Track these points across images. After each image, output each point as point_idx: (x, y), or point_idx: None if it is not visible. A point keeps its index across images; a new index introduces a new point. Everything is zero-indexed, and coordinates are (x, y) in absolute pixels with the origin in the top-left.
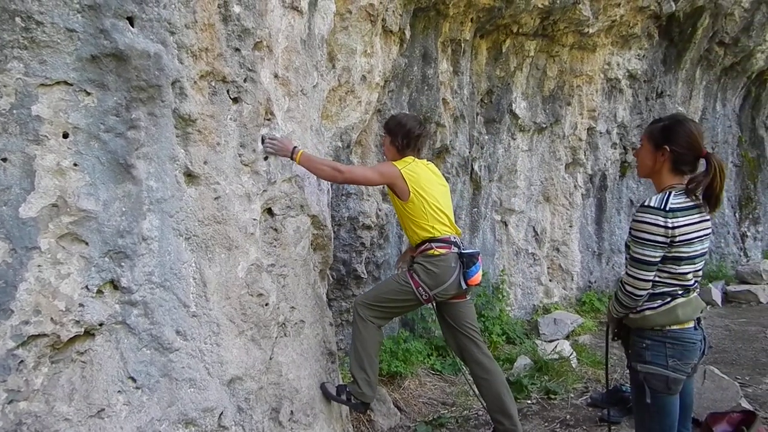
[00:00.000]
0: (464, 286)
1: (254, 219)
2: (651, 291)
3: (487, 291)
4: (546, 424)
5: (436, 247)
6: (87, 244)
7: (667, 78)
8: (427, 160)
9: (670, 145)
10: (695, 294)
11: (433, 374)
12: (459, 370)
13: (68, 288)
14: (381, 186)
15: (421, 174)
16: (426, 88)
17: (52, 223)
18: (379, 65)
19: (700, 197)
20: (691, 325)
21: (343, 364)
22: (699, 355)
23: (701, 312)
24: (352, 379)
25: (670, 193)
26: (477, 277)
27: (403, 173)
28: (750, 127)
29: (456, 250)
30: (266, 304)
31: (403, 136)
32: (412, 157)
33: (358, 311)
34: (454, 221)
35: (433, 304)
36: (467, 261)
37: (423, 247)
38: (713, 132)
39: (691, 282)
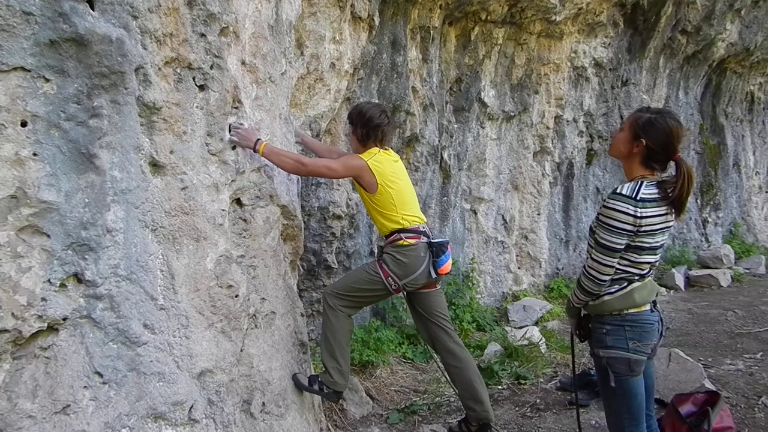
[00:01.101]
0: (434, 276)
1: (223, 209)
2: (612, 277)
3: (458, 279)
4: (517, 408)
5: (406, 237)
6: (49, 236)
7: (632, 66)
8: (393, 150)
9: (647, 140)
10: (650, 278)
11: (404, 362)
12: (430, 358)
13: (29, 282)
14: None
15: (386, 165)
16: (395, 76)
17: (11, 215)
18: (348, 52)
19: (671, 194)
20: (648, 307)
21: (315, 355)
22: (657, 336)
23: (656, 294)
24: (323, 368)
25: (641, 183)
26: (447, 266)
27: (369, 165)
28: (711, 115)
29: (425, 239)
30: (236, 296)
31: (363, 125)
32: (377, 149)
33: (327, 301)
34: (419, 209)
35: (403, 294)
36: (437, 250)
37: (392, 237)
38: None
39: (647, 270)
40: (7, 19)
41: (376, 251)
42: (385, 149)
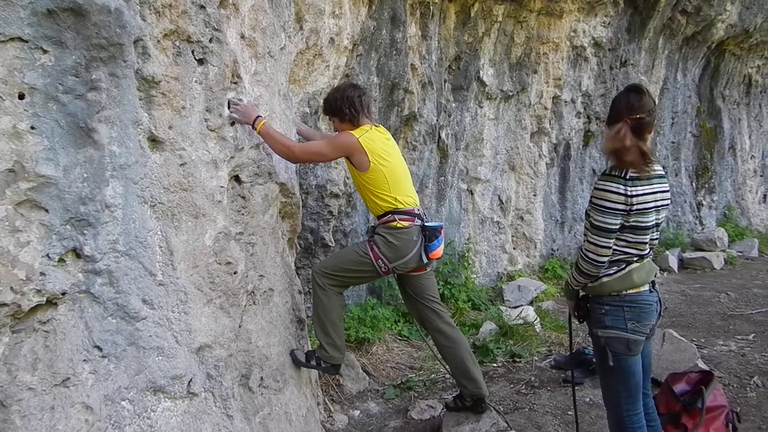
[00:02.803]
0: (425, 260)
1: (221, 186)
2: (609, 258)
3: (453, 259)
4: (512, 385)
5: (400, 219)
6: (47, 211)
7: (631, 47)
8: (384, 127)
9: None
10: (648, 259)
11: (400, 340)
12: (426, 336)
13: (28, 256)
14: None
15: (378, 142)
16: (394, 52)
17: (9, 189)
18: (348, 27)
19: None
20: (646, 288)
21: (312, 332)
22: (656, 316)
23: (655, 275)
24: (319, 344)
25: None
26: (438, 251)
27: (361, 142)
28: (708, 97)
29: (419, 222)
30: (234, 273)
31: (349, 105)
32: (369, 125)
33: (316, 279)
34: (413, 190)
35: (394, 275)
36: (430, 234)
37: (386, 218)
38: (674, 102)
39: (647, 251)
40: None
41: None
42: (377, 126)
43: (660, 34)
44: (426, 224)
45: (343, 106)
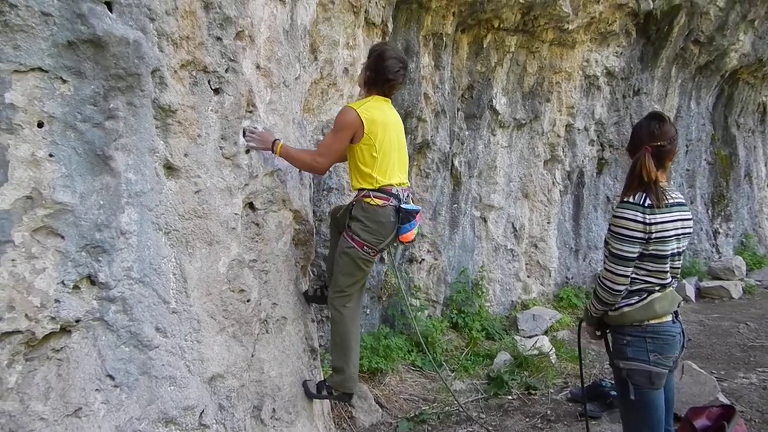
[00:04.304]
0: (396, 243)
1: (236, 213)
2: (628, 288)
3: (467, 287)
4: (527, 419)
5: (374, 197)
6: (63, 237)
7: (644, 76)
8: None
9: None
10: (671, 288)
11: (413, 370)
12: (440, 366)
13: (43, 283)
14: None
15: (377, 116)
16: (408, 82)
17: (27, 215)
18: (362, 58)
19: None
20: (669, 318)
21: (324, 361)
22: (679, 348)
23: (678, 305)
24: (331, 372)
25: None
26: (409, 235)
27: (359, 113)
28: (723, 125)
29: (395, 203)
30: (248, 301)
31: (375, 71)
32: (376, 96)
33: (335, 306)
34: (406, 169)
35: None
36: (403, 217)
37: (361, 193)
38: (687, 130)
39: (669, 280)
40: (26, 19)
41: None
42: (384, 98)
43: (673, 64)
44: (402, 206)
45: (373, 67)
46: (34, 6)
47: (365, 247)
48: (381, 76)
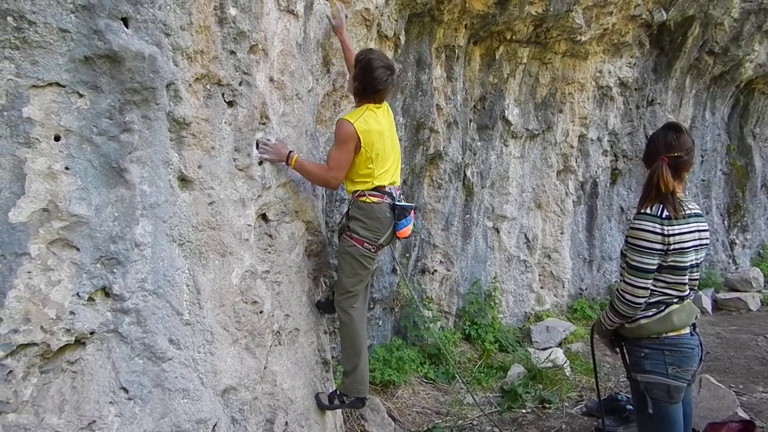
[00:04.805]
0: (392, 238)
1: (249, 225)
2: (647, 300)
3: (480, 298)
4: None
5: (369, 195)
6: (78, 250)
7: (658, 86)
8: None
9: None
10: (689, 300)
11: (426, 383)
12: (452, 378)
13: (59, 295)
14: None
15: (373, 126)
16: (420, 93)
17: (43, 228)
18: None
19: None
20: (687, 331)
21: (337, 373)
22: (697, 361)
23: (696, 317)
24: (343, 379)
25: None
26: (406, 231)
27: (356, 127)
28: (738, 135)
29: (389, 201)
30: (261, 312)
31: (364, 82)
32: (368, 105)
33: (342, 308)
34: (398, 170)
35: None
36: (399, 213)
37: (356, 194)
38: (702, 140)
39: (687, 292)
40: (44, 36)
41: (339, 224)
42: (377, 105)
43: (687, 74)
44: (396, 203)
45: (362, 77)
46: (53, 23)
47: (365, 244)
48: (370, 87)
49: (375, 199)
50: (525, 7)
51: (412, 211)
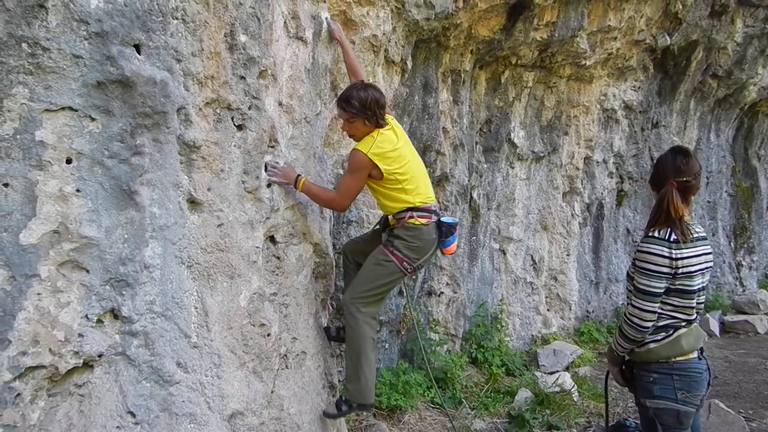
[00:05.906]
0: (439, 254)
1: (257, 247)
2: (655, 323)
3: (486, 321)
4: None
5: (418, 216)
6: (88, 271)
7: (662, 109)
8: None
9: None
10: (696, 324)
11: (432, 408)
12: (459, 404)
13: (68, 317)
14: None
15: (387, 148)
16: (426, 117)
17: (53, 250)
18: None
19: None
20: (695, 355)
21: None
22: (706, 386)
23: (703, 341)
24: (348, 386)
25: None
26: (452, 248)
27: (371, 156)
28: (743, 157)
29: (435, 219)
30: (268, 335)
31: (373, 109)
32: (379, 130)
33: (349, 308)
34: (429, 185)
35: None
36: (446, 230)
37: (402, 216)
38: (707, 162)
39: (694, 315)
40: (57, 61)
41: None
42: (386, 122)
43: (691, 97)
44: (442, 219)
45: (370, 109)
46: (66, 49)
47: (404, 263)
48: (378, 117)
49: (423, 221)
50: (530, 33)
51: (457, 227)
